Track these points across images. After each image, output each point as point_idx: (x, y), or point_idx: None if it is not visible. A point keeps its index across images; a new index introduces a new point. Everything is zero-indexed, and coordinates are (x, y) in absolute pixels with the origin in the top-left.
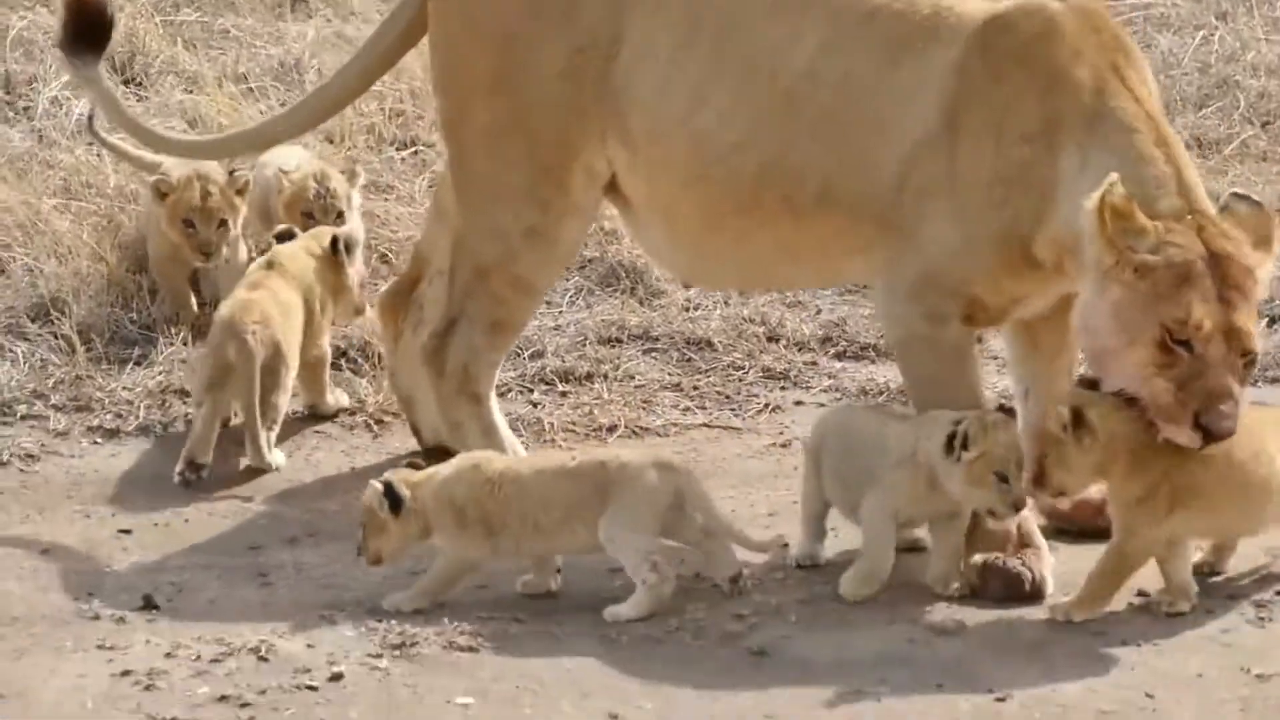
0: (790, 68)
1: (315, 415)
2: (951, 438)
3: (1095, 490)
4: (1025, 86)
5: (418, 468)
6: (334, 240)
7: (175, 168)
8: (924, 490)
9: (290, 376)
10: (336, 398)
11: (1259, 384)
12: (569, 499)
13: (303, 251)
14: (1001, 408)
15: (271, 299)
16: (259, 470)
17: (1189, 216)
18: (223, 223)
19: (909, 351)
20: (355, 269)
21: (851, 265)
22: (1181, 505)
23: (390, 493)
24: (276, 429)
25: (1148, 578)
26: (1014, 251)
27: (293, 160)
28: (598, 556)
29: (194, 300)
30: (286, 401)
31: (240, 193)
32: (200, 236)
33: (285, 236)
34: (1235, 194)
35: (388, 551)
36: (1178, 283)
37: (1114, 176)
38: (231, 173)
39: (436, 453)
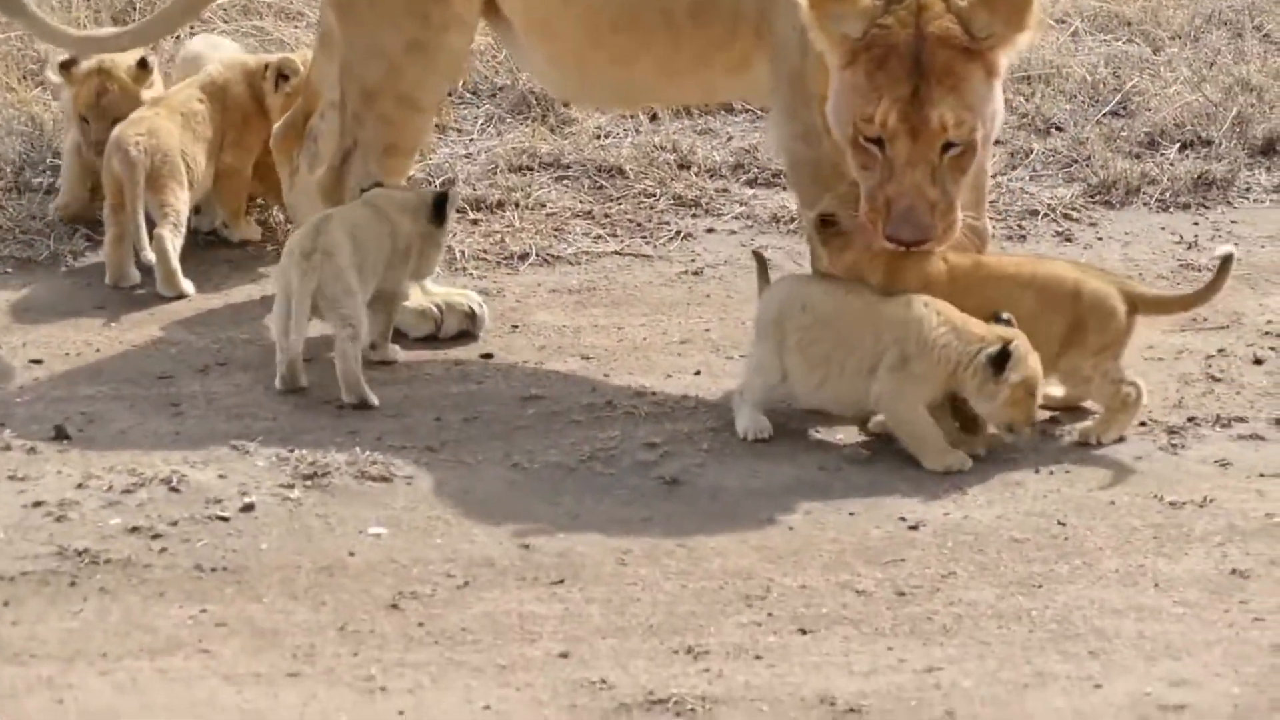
0: None
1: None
2: (1001, 358)
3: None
4: None
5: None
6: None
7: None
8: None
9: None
10: (254, 228)
11: None
12: None
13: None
14: (996, 316)
15: (166, 117)
16: (168, 299)
17: None
18: (117, 120)
19: (796, 176)
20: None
21: (730, 82)
22: None
23: None
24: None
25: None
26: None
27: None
28: (512, 384)
29: (87, 197)
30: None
31: (147, 85)
32: (92, 135)
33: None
34: None
35: None
36: (871, 72)
37: None
38: (140, 62)
39: None
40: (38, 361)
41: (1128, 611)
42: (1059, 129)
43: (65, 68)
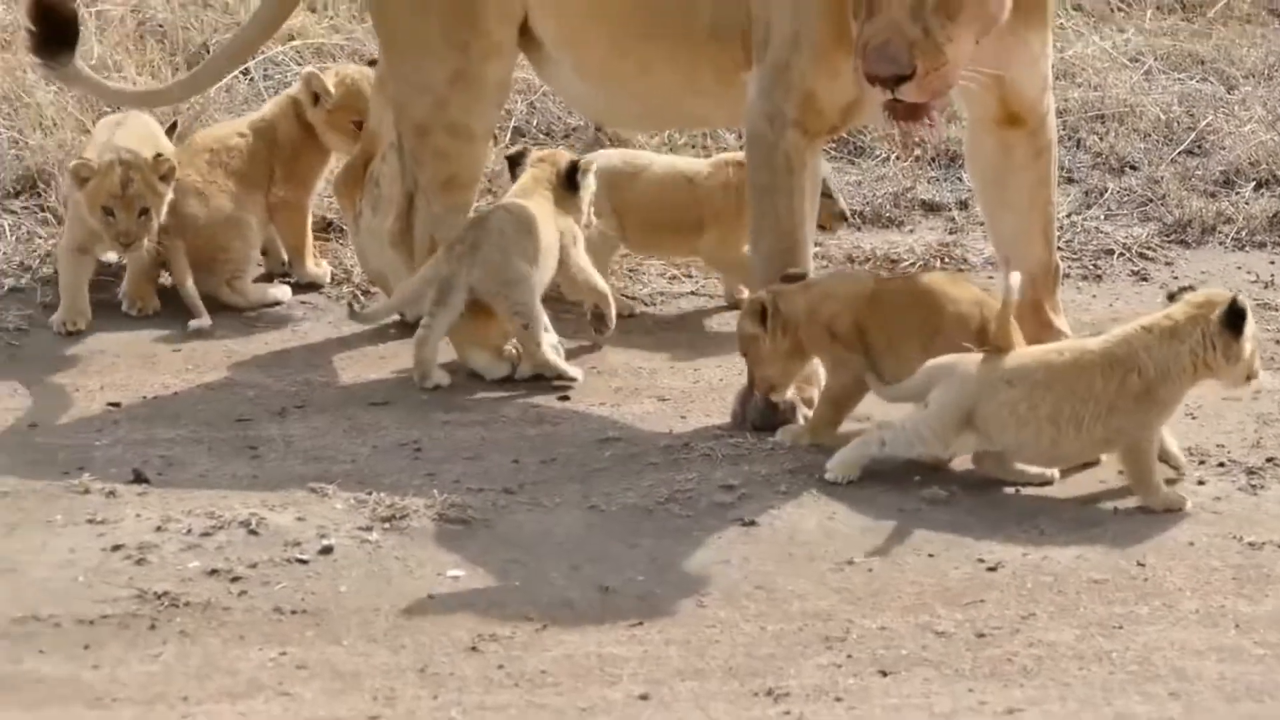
0: None
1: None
2: (1234, 316)
3: None
4: None
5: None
6: None
7: (99, 150)
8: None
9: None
10: (323, 269)
11: None
12: None
13: None
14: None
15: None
16: (246, 344)
17: None
18: (144, 211)
19: (752, 153)
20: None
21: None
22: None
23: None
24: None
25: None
26: (843, 17)
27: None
28: (589, 426)
29: (87, 306)
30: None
31: (165, 178)
32: (120, 225)
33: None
34: None
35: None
36: None
37: None
38: (157, 156)
39: (417, 327)
40: (115, 405)
41: (1208, 653)
42: (1133, 168)
43: (78, 171)
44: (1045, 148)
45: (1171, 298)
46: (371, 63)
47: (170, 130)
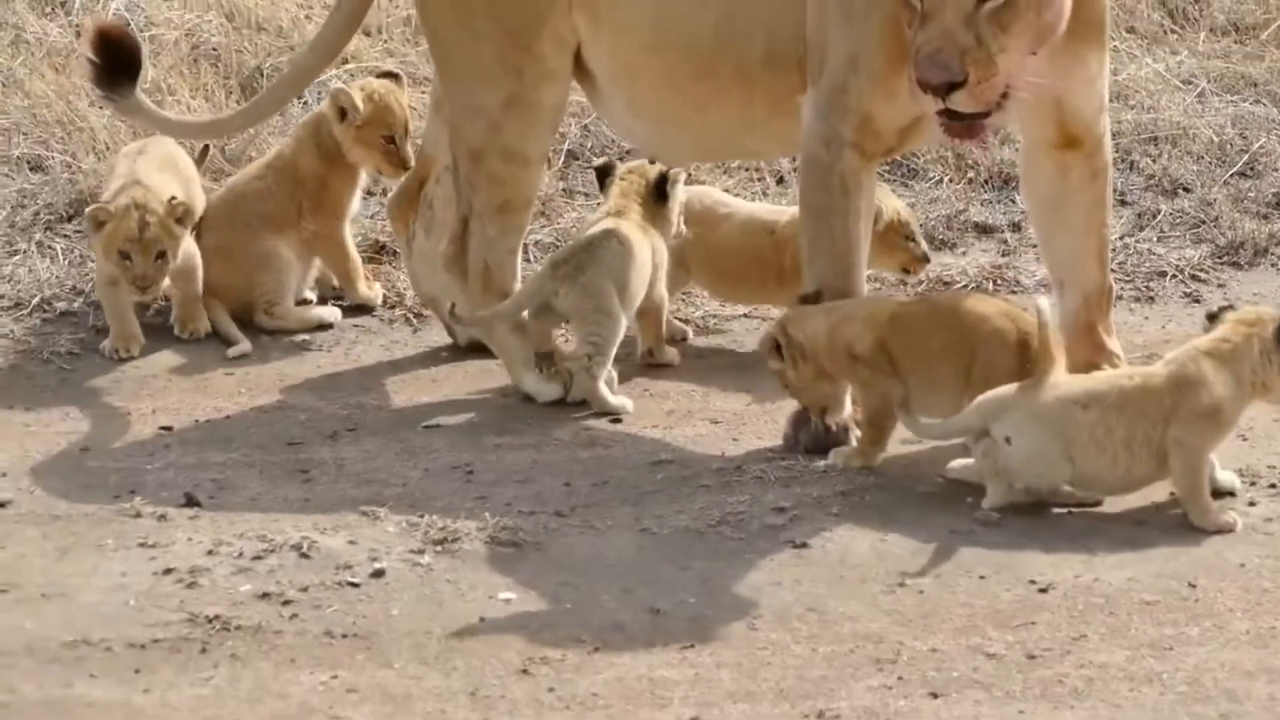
0: None
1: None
2: None
3: None
4: None
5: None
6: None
7: (117, 189)
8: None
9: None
10: (375, 291)
11: None
12: None
13: None
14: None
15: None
16: (298, 367)
17: None
18: (161, 254)
19: (807, 175)
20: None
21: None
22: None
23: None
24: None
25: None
26: (901, 39)
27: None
28: (641, 449)
29: (138, 330)
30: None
31: (180, 221)
32: (137, 269)
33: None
34: None
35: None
36: None
37: None
38: (171, 200)
39: (472, 350)
40: (167, 429)
41: (1259, 674)
42: (1186, 190)
43: (95, 216)
44: (1101, 169)
45: (1211, 318)
46: (387, 74)
47: (201, 156)
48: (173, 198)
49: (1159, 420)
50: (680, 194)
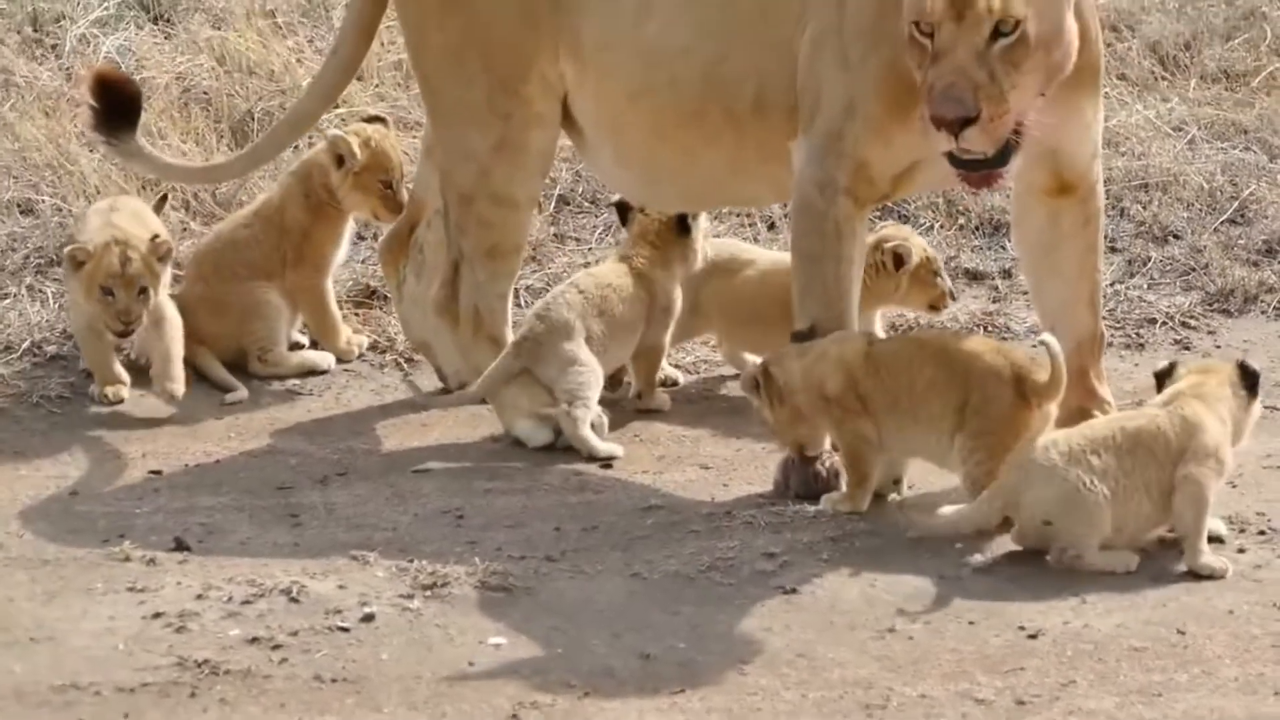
0: None
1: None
2: (1250, 378)
3: None
4: None
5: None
6: None
7: (94, 234)
8: None
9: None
10: (354, 343)
11: None
12: None
13: None
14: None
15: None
16: (289, 411)
17: None
18: (143, 290)
19: (800, 220)
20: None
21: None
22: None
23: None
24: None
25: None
26: (903, 86)
27: None
28: (631, 494)
29: (123, 372)
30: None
31: (162, 259)
32: (119, 304)
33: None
34: None
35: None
36: None
37: None
38: (154, 238)
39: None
40: (157, 472)
41: None
42: (1176, 237)
43: (74, 255)
44: (1094, 215)
45: (1160, 376)
46: (374, 119)
47: (159, 205)
48: (155, 235)
49: (1167, 461)
50: (703, 225)
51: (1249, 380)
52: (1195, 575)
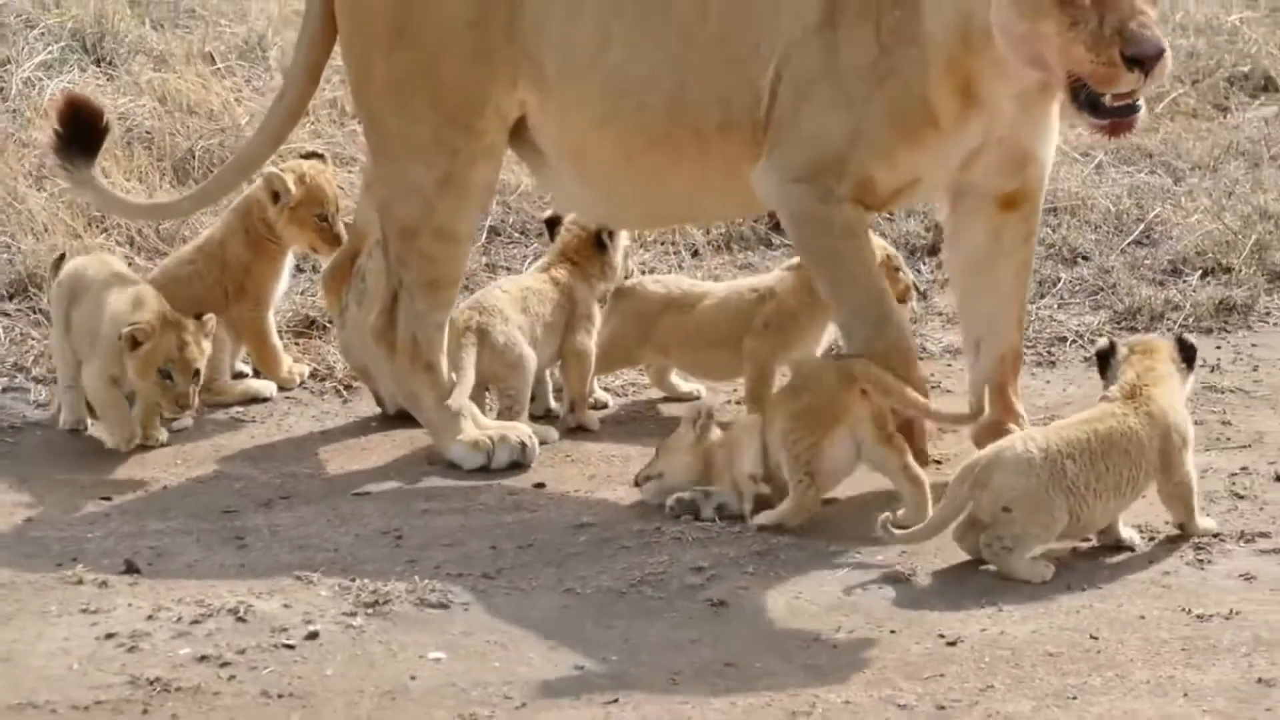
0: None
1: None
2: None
3: None
4: None
5: None
6: None
7: (144, 313)
8: None
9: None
10: (295, 373)
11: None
12: None
13: None
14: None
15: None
16: (233, 438)
17: None
18: (196, 372)
19: (803, 229)
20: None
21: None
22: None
23: None
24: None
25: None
26: (914, 114)
27: None
28: (564, 512)
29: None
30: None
31: (207, 336)
32: (179, 388)
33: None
34: None
35: None
36: None
37: None
38: (199, 316)
39: (400, 419)
40: (107, 498)
41: None
42: (1085, 258)
43: (135, 336)
44: (1032, 233)
45: (1103, 355)
46: (311, 155)
47: (55, 266)
48: (199, 314)
49: (1140, 459)
50: (623, 240)
51: (1187, 355)
52: (1108, 580)
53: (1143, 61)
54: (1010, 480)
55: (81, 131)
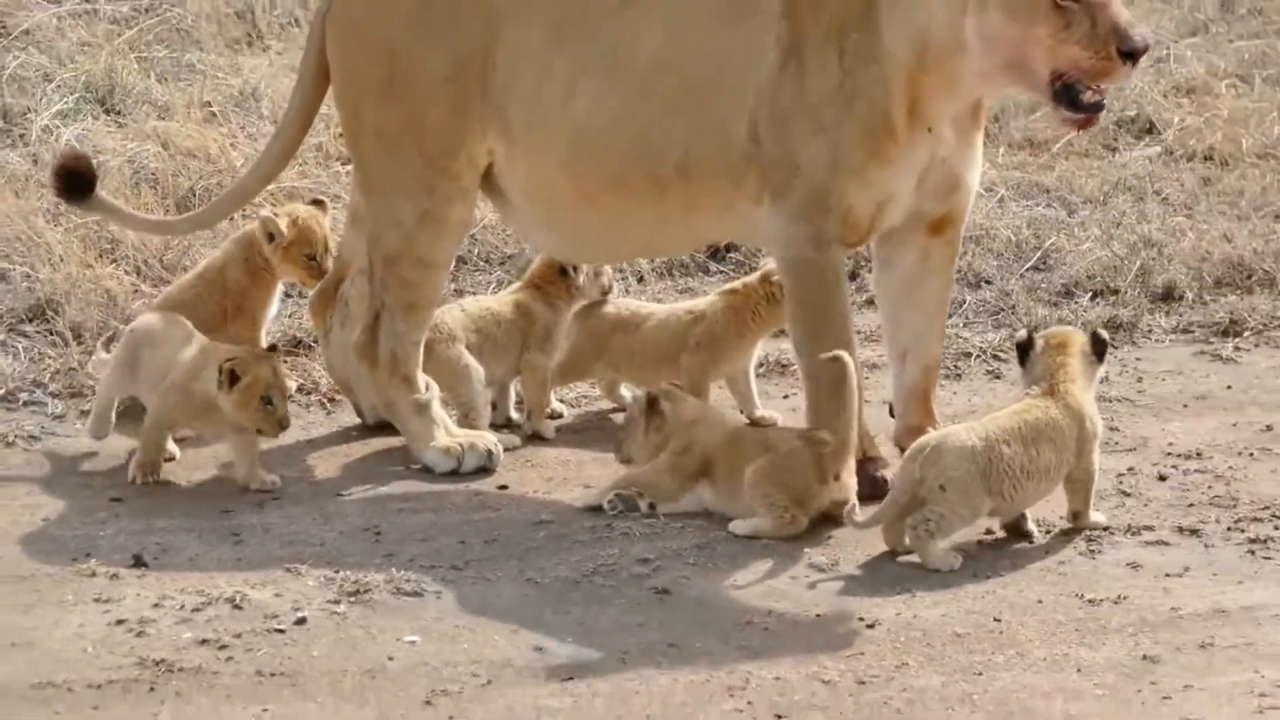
0: (642, 55)
1: None
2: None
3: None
4: None
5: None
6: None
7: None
8: None
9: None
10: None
11: None
12: None
13: None
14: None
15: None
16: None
17: None
18: (288, 395)
19: (797, 275)
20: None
21: (713, 225)
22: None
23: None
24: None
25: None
26: (879, 130)
27: None
28: (525, 511)
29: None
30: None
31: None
32: (279, 412)
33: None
34: None
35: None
36: None
37: None
38: (273, 346)
39: (378, 429)
40: (118, 500)
41: (1055, 694)
42: (988, 282)
43: (235, 369)
44: (955, 255)
45: (1023, 346)
46: (315, 202)
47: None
48: (273, 344)
49: (1064, 447)
50: (586, 269)
51: (1099, 349)
52: (1010, 569)
53: (1135, 55)
54: (953, 462)
55: (75, 181)
